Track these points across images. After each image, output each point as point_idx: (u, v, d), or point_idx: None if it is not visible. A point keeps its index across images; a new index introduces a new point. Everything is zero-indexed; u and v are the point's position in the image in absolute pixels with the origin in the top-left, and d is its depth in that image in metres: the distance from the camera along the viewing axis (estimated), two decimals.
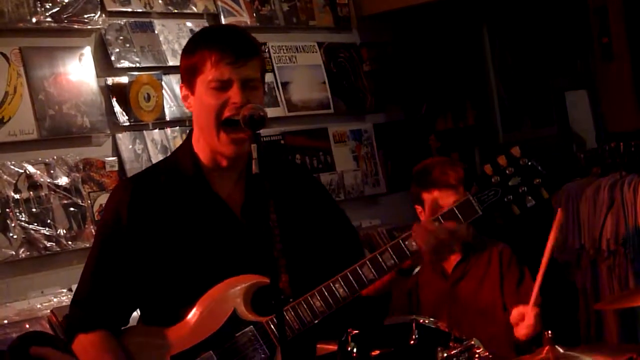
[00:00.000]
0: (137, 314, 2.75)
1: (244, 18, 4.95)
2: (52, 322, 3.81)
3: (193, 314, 2.59)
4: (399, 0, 5.44)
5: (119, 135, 4.34)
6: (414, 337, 2.70)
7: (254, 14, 5.00)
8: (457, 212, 2.54)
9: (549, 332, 3.18)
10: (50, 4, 4.12)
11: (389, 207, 5.48)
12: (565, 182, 4.73)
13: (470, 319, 3.71)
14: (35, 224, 3.95)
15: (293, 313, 2.54)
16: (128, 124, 4.37)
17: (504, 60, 5.85)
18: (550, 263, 3.49)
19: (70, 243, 4.04)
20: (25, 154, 4.02)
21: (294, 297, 2.55)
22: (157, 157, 4.34)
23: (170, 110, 4.53)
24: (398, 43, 5.76)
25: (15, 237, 3.88)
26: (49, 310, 3.84)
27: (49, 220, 4.00)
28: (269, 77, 5.02)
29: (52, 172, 4.05)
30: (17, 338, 3.30)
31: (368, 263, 2.55)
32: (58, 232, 4.01)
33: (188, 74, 2.61)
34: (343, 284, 2.54)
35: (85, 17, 4.24)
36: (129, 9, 4.47)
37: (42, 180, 4.01)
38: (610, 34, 4.99)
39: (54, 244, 3.99)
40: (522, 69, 5.78)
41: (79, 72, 4.22)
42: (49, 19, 4.11)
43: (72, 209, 4.09)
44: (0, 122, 3.92)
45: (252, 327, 2.57)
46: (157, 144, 4.45)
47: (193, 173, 2.64)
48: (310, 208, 2.75)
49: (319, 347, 2.86)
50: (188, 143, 2.69)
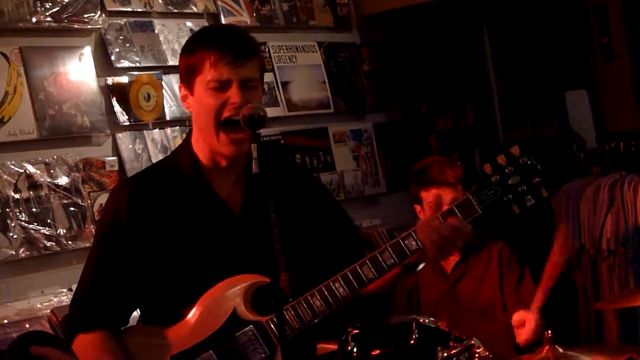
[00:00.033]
0: (137, 314, 2.75)
1: (244, 18, 4.95)
2: (52, 321, 3.81)
3: (193, 314, 2.59)
4: (399, 0, 5.44)
5: (119, 135, 4.34)
6: (414, 336, 2.71)
7: (254, 14, 5.00)
8: (456, 211, 2.54)
9: (549, 331, 3.18)
10: (50, 4, 4.11)
11: (389, 207, 5.47)
12: (566, 181, 4.73)
13: (470, 319, 3.71)
14: (35, 224, 3.95)
15: (293, 312, 2.54)
16: (128, 124, 4.37)
17: (504, 60, 5.85)
18: (545, 252, 3.47)
19: (70, 243, 4.04)
20: (25, 154, 4.02)
21: (294, 296, 2.54)
22: (157, 156, 4.34)
23: (170, 110, 4.53)
24: (398, 43, 5.76)
25: (15, 236, 3.88)
26: (49, 310, 3.84)
27: (49, 220, 4.00)
28: (269, 76, 5.02)
29: (52, 171, 4.05)
30: (17, 338, 3.31)
31: (368, 262, 2.54)
32: (58, 231, 4.01)
33: (187, 74, 2.60)
34: (343, 284, 2.54)
35: (85, 16, 4.24)
36: (129, 9, 4.46)
37: (42, 180, 4.01)
38: (610, 34, 4.98)
39: (54, 244, 3.99)
40: (522, 69, 5.78)
41: (79, 71, 4.22)
42: (49, 19, 4.11)
43: (72, 209, 4.09)
44: (0, 121, 3.92)
45: (252, 326, 2.56)
46: (157, 144, 4.45)
47: (192, 173, 2.64)
48: (311, 207, 2.75)
49: (319, 346, 2.86)
50: (187, 143, 2.69)
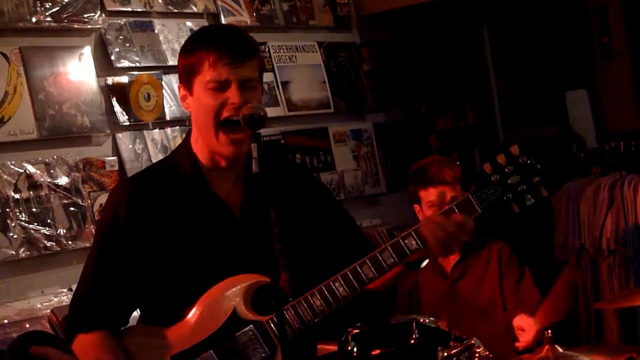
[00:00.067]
0: (137, 314, 2.75)
1: (244, 18, 4.95)
2: (52, 321, 3.81)
3: (193, 314, 2.59)
4: (399, 0, 5.44)
5: (119, 135, 4.34)
6: (415, 336, 2.71)
7: (254, 14, 5.00)
8: (456, 210, 2.54)
9: (549, 331, 3.18)
10: (50, 4, 4.11)
11: (389, 206, 5.47)
12: (566, 181, 4.72)
13: (470, 318, 3.71)
14: (36, 224, 3.95)
15: (293, 312, 2.53)
16: (128, 124, 4.37)
17: (504, 60, 5.85)
18: (548, 256, 3.44)
19: (71, 243, 4.04)
20: (25, 154, 4.02)
21: (294, 296, 2.54)
22: (157, 156, 4.34)
23: (170, 110, 4.53)
24: (398, 42, 5.75)
25: (16, 236, 3.88)
26: (49, 310, 3.84)
27: (49, 220, 4.00)
28: (269, 76, 5.02)
29: (52, 171, 4.05)
30: (17, 338, 3.31)
31: (368, 262, 2.54)
32: (58, 231, 4.01)
33: (186, 75, 2.60)
34: (343, 283, 2.53)
35: (85, 16, 4.24)
36: (129, 9, 4.46)
37: (42, 180, 4.01)
38: (610, 34, 4.98)
39: (54, 244, 3.99)
40: (522, 69, 5.77)
41: (79, 71, 4.22)
42: (49, 19, 4.11)
43: (72, 209, 4.09)
44: (0, 121, 3.92)
45: (252, 326, 2.56)
46: (157, 144, 4.45)
47: (192, 173, 2.63)
48: (311, 207, 2.74)
49: (319, 347, 2.86)
50: (187, 143, 2.68)
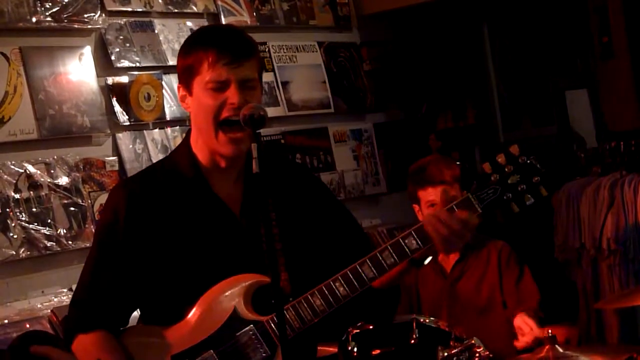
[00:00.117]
0: (137, 314, 2.74)
1: (244, 17, 4.95)
2: (52, 321, 3.81)
3: (193, 314, 2.59)
4: (399, 0, 5.44)
5: (119, 135, 4.34)
6: (415, 336, 2.70)
7: (254, 14, 5.00)
8: (456, 210, 2.54)
9: (549, 331, 3.18)
10: (50, 4, 4.11)
11: (390, 206, 5.47)
12: (566, 181, 4.72)
13: (470, 318, 3.71)
14: (36, 224, 3.95)
15: (293, 312, 2.53)
16: (128, 124, 4.37)
17: (504, 59, 5.85)
18: (549, 256, 3.45)
19: (71, 243, 4.04)
20: (26, 154, 4.02)
21: (294, 295, 2.54)
22: (157, 156, 4.33)
23: (171, 110, 4.53)
24: (398, 42, 5.75)
25: (16, 236, 3.88)
26: (50, 310, 3.84)
27: (49, 220, 4.00)
28: (270, 76, 5.02)
29: (52, 171, 4.05)
30: (17, 337, 3.31)
31: (368, 261, 2.53)
32: (58, 231, 4.01)
33: (185, 75, 2.60)
34: (343, 283, 2.53)
35: (85, 16, 4.24)
36: (129, 9, 4.46)
37: (42, 180, 4.01)
38: (610, 33, 4.98)
39: (54, 244, 3.99)
40: (522, 68, 5.78)
41: (79, 71, 4.22)
42: (49, 19, 4.11)
43: (72, 209, 4.09)
44: (0, 121, 3.92)
45: (252, 326, 2.56)
46: (157, 144, 4.45)
47: (192, 174, 2.63)
48: (311, 206, 2.74)
49: (319, 349, 2.86)
50: (186, 143, 2.68)
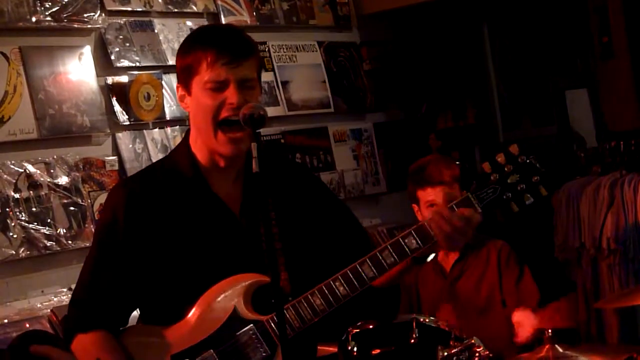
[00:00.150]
0: (136, 314, 2.74)
1: (244, 17, 4.94)
2: (52, 321, 3.80)
3: (193, 313, 2.59)
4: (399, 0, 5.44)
5: (119, 135, 4.34)
6: (415, 335, 2.70)
7: (254, 13, 5.00)
8: (455, 210, 2.54)
9: (549, 330, 3.18)
10: (50, 3, 4.11)
11: (390, 206, 5.47)
12: (566, 180, 4.72)
13: (470, 317, 3.71)
14: (35, 224, 3.95)
15: (293, 311, 2.53)
16: (128, 123, 4.37)
17: (504, 59, 5.85)
18: (549, 256, 3.44)
19: (71, 242, 4.04)
20: (25, 154, 4.02)
21: (294, 295, 2.54)
22: (157, 156, 4.33)
23: (170, 110, 4.53)
24: (398, 42, 5.75)
25: (15, 236, 3.88)
26: (49, 310, 3.84)
27: (49, 220, 4.00)
28: (270, 76, 5.02)
29: (52, 171, 4.05)
30: (16, 337, 3.31)
31: (368, 261, 2.54)
32: (58, 231, 4.01)
33: (184, 75, 2.60)
34: (343, 282, 2.53)
35: (85, 16, 4.24)
36: (129, 8, 4.46)
37: (42, 180, 4.01)
38: (610, 33, 4.98)
39: (54, 243, 3.99)
40: (522, 68, 5.78)
41: (79, 71, 4.22)
42: (49, 18, 4.11)
43: (72, 208, 4.09)
44: (0, 121, 3.91)
45: (252, 325, 2.56)
46: (157, 143, 4.45)
47: (192, 174, 2.63)
48: (312, 206, 2.74)
49: (319, 349, 2.86)
50: (185, 143, 2.68)
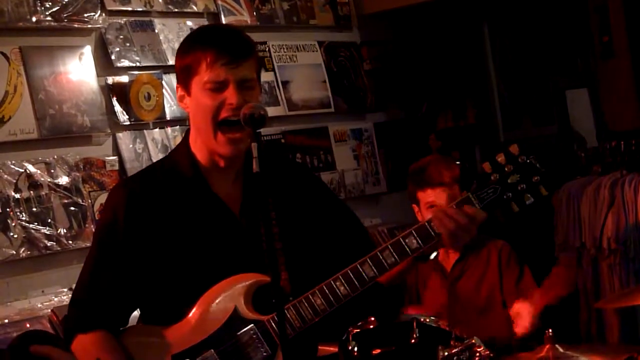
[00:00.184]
0: (137, 313, 2.74)
1: (244, 17, 4.94)
2: (52, 321, 3.80)
3: (194, 313, 2.59)
4: None
5: (120, 135, 4.34)
6: (415, 335, 2.70)
7: (254, 13, 5.00)
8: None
9: (550, 330, 3.17)
10: (50, 3, 4.11)
11: (390, 206, 5.47)
12: (566, 180, 4.72)
13: (470, 317, 3.71)
14: (36, 224, 3.95)
15: (294, 311, 2.54)
16: (128, 123, 4.37)
17: (505, 59, 5.85)
18: (549, 256, 3.41)
19: (71, 242, 4.04)
20: (26, 154, 4.02)
21: (294, 295, 2.54)
22: (157, 156, 4.33)
23: (171, 110, 4.53)
24: (398, 42, 5.75)
25: (16, 236, 3.88)
26: (50, 310, 3.85)
27: (50, 220, 4.00)
28: (270, 76, 5.02)
29: (52, 171, 4.05)
30: (16, 337, 3.31)
31: (369, 261, 2.54)
32: (58, 231, 4.01)
33: (183, 75, 2.60)
34: (344, 282, 2.54)
35: (85, 16, 4.24)
36: (129, 8, 4.46)
37: (42, 180, 4.01)
38: (611, 32, 4.98)
39: (55, 243, 3.99)
40: (522, 68, 5.78)
41: (79, 71, 4.21)
42: (49, 18, 4.11)
43: (72, 209, 4.09)
44: (1, 121, 3.92)
45: (253, 325, 2.56)
46: (157, 143, 4.45)
47: (192, 174, 2.63)
48: (312, 206, 2.74)
49: (320, 348, 2.86)
50: (185, 143, 2.69)
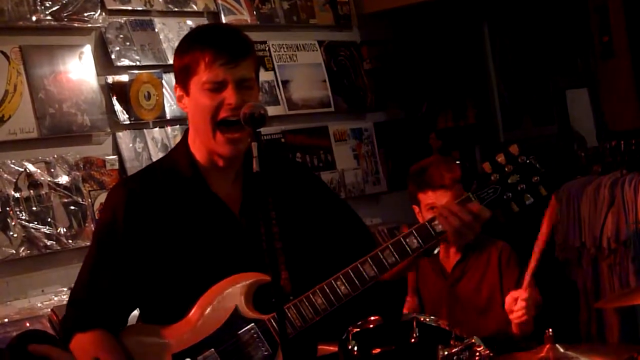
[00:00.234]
0: (136, 313, 2.74)
1: (244, 16, 4.94)
2: (52, 320, 3.80)
3: (194, 313, 2.59)
4: None
5: (120, 134, 4.34)
6: (415, 335, 2.70)
7: (254, 12, 4.99)
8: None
9: (550, 330, 3.17)
10: (50, 2, 4.11)
11: (390, 205, 5.47)
12: (566, 180, 4.72)
13: (470, 318, 3.70)
14: (36, 223, 3.95)
15: (295, 310, 2.53)
16: (128, 123, 4.37)
17: (505, 59, 5.85)
18: (549, 256, 3.45)
19: (71, 242, 4.04)
20: (26, 153, 4.02)
21: (295, 294, 2.54)
22: (157, 155, 4.33)
23: (171, 109, 4.53)
24: (399, 41, 5.75)
25: (16, 235, 3.88)
26: (50, 309, 3.84)
27: (50, 219, 4.00)
28: (270, 75, 5.02)
29: (52, 170, 4.05)
30: (15, 337, 3.31)
31: (369, 260, 2.54)
32: (58, 230, 4.01)
33: (182, 75, 2.60)
34: (345, 282, 2.54)
35: (85, 15, 4.24)
36: (129, 7, 4.46)
37: (42, 179, 4.01)
38: (611, 32, 4.98)
39: (55, 243, 3.99)
40: (522, 67, 5.78)
41: (79, 70, 4.21)
42: (49, 18, 4.11)
43: (72, 208, 4.08)
44: (1, 120, 3.91)
45: (254, 324, 2.56)
46: (157, 143, 4.45)
47: (191, 174, 2.63)
48: (312, 205, 2.74)
49: (320, 348, 2.86)
50: (184, 143, 2.68)
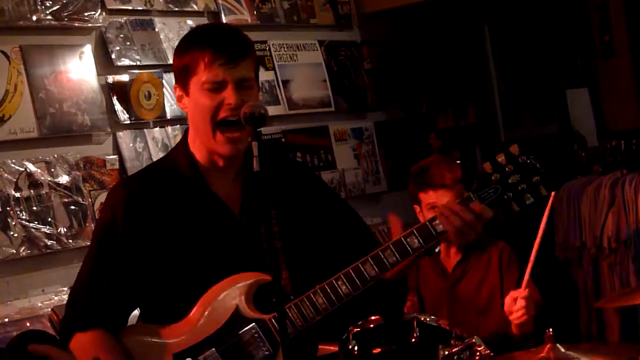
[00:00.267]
0: (136, 312, 2.74)
1: (245, 16, 4.94)
2: (53, 320, 3.81)
3: (194, 312, 2.59)
4: None
5: (120, 134, 4.34)
6: (416, 334, 2.70)
7: (255, 12, 4.99)
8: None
9: (550, 330, 3.17)
10: (51, 2, 4.11)
11: (390, 205, 5.46)
12: (567, 180, 4.72)
13: (470, 318, 3.70)
14: (36, 222, 3.95)
15: (296, 310, 2.53)
16: (129, 122, 4.37)
17: (505, 58, 5.85)
18: (549, 255, 3.46)
19: (71, 241, 4.04)
20: (26, 152, 4.02)
21: (295, 294, 2.54)
22: (157, 155, 4.33)
23: (171, 109, 4.53)
24: (399, 41, 5.75)
25: (16, 235, 3.88)
26: (50, 309, 3.85)
27: (50, 219, 4.00)
28: (270, 75, 5.01)
29: (52, 170, 4.05)
30: (15, 337, 3.30)
31: (370, 260, 2.54)
32: (59, 230, 4.01)
33: (181, 75, 2.59)
34: (346, 281, 2.54)
35: (86, 15, 4.24)
36: (130, 7, 4.46)
37: (42, 179, 4.01)
38: (611, 32, 4.98)
39: (55, 242, 3.99)
40: (523, 67, 5.77)
41: (80, 70, 4.21)
42: (50, 17, 4.11)
43: (72, 207, 4.09)
44: (1, 120, 3.92)
45: (254, 324, 2.56)
46: (157, 142, 4.45)
47: (191, 173, 2.63)
48: (312, 205, 2.74)
49: (320, 348, 2.86)
50: (184, 143, 2.68)
